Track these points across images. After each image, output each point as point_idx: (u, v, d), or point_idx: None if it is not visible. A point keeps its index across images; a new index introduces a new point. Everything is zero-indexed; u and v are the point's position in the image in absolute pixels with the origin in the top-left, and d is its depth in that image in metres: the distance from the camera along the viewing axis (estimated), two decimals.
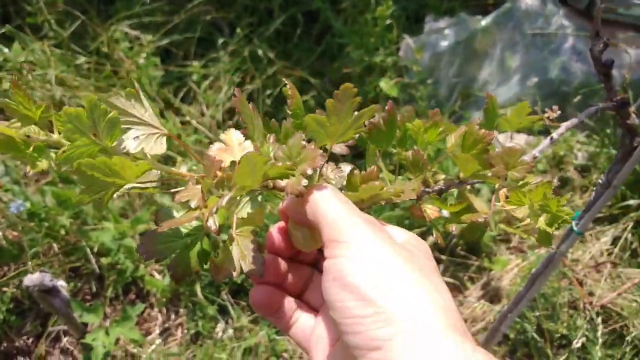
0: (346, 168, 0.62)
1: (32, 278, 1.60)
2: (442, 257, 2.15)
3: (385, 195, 0.56)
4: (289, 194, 0.50)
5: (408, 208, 2.10)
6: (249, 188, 0.48)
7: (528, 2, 2.63)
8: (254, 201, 0.52)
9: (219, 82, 2.68)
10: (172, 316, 2.04)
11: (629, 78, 2.33)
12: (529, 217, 0.62)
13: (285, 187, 0.51)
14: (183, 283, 2.02)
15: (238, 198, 0.52)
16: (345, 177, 0.61)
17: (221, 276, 0.53)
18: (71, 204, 2.05)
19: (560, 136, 0.89)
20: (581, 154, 2.44)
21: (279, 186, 0.51)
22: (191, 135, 2.47)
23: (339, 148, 0.59)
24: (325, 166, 0.61)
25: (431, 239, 1.96)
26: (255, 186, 0.48)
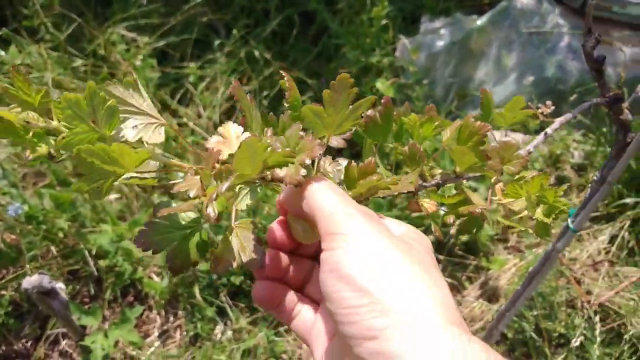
0: (343, 162, 0.62)
1: (31, 280, 1.60)
2: (440, 257, 2.15)
3: (382, 185, 0.56)
4: (287, 184, 0.50)
5: (405, 208, 2.11)
6: (249, 176, 0.48)
7: (524, 1, 2.64)
8: (253, 193, 0.53)
9: (216, 84, 2.68)
10: (171, 318, 2.04)
11: (624, 76, 2.34)
12: (527, 209, 0.62)
13: (284, 178, 0.51)
14: (181, 285, 2.02)
15: (237, 190, 0.52)
16: (342, 171, 0.61)
17: (221, 267, 0.53)
18: (69, 207, 2.04)
19: (554, 131, 0.89)
20: (577, 153, 2.45)
21: (278, 177, 0.51)
22: (188, 136, 2.47)
23: (336, 141, 0.59)
24: (322, 159, 0.61)
25: (430, 238, 1.96)
26: (254, 174, 0.47)
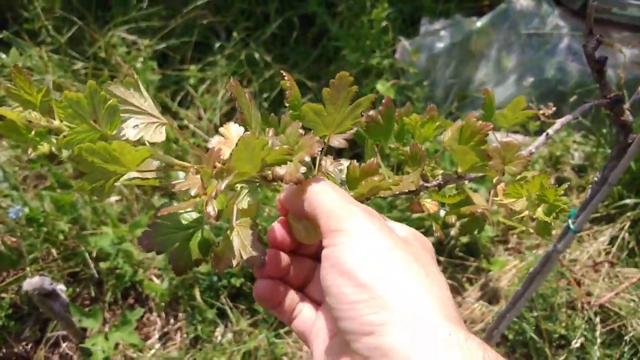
0: (345, 162, 0.62)
1: (32, 282, 1.60)
2: (441, 258, 2.15)
3: (384, 185, 0.56)
4: (287, 182, 0.50)
5: (405, 209, 2.11)
6: (248, 174, 0.48)
7: (523, 3, 2.64)
8: (254, 192, 0.53)
9: (216, 86, 2.69)
10: (171, 320, 2.04)
11: (624, 77, 2.34)
12: (527, 209, 0.63)
13: (284, 176, 0.51)
14: (182, 287, 2.02)
15: (238, 189, 0.52)
16: (344, 171, 0.61)
17: (222, 266, 0.53)
18: (70, 209, 2.04)
19: (555, 132, 0.89)
20: (578, 154, 2.45)
21: (278, 175, 0.51)
22: (189, 139, 2.47)
23: (337, 141, 0.59)
24: (324, 159, 0.61)
25: (431, 239, 1.96)
26: (253, 172, 0.47)
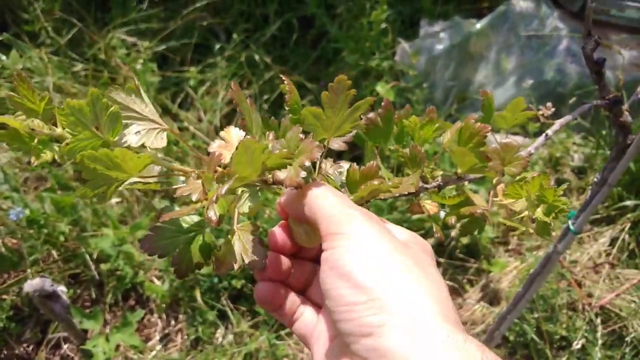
0: (345, 165, 0.63)
1: (33, 283, 1.61)
2: (441, 260, 2.15)
3: (384, 188, 0.56)
4: (287, 186, 0.51)
5: (405, 211, 2.11)
6: (248, 178, 0.48)
7: (522, 5, 2.64)
8: (255, 196, 0.53)
9: (216, 88, 2.69)
10: (172, 322, 2.04)
11: (623, 79, 2.34)
12: (527, 210, 0.63)
13: (284, 180, 0.51)
14: (182, 288, 2.02)
15: (239, 193, 0.52)
16: (344, 173, 0.61)
17: (224, 269, 0.53)
18: (70, 211, 2.05)
19: (554, 133, 0.89)
20: (577, 156, 2.45)
21: (279, 179, 0.51)
22: (189, 141, 2.47)
23: (337, 144, 0.59)
24: (324, 162, 0.61)
25: (430, 241, 1.96)
26: (254, 177, 0.48)
